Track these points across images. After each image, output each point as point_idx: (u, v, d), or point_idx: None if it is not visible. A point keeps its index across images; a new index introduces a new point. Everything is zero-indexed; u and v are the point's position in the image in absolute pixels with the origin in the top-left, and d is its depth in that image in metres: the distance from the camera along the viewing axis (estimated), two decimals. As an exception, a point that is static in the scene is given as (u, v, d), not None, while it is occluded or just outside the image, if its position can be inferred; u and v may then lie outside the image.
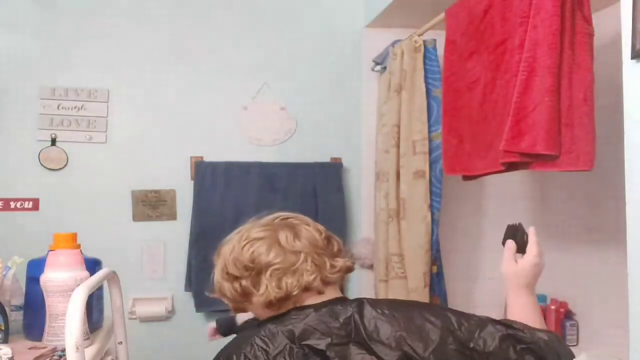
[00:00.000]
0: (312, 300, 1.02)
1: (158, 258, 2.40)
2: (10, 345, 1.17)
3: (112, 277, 1.39)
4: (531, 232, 1.15)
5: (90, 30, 2.37)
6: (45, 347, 1.18)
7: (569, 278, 2.34)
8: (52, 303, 1.22)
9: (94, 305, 1.37)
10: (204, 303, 2.35)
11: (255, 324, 1.06)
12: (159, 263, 2.40)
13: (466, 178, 1.91)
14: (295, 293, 1.00)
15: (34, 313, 1.29)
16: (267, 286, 1.00)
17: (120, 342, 1.42)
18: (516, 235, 1.16)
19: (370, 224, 2.46)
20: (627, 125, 1.13)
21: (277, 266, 1.01)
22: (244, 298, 1.05)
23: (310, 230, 1.08)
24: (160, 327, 2.39)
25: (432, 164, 2.10)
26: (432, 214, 2.10)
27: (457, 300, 2.43)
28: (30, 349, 1.18)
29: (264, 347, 0.92)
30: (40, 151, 2.30)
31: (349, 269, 1.10)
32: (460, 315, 0.96)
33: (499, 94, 1.64)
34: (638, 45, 1.09)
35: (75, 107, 2.34)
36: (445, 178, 2.09)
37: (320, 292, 1.03)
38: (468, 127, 1.82)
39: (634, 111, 1.12)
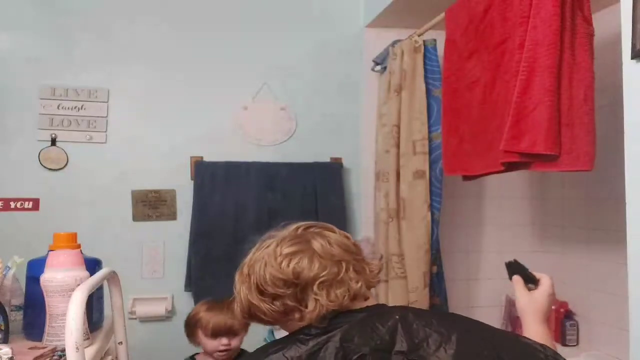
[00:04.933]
0: (358, 306, 0.99)
1: (158, 258, 2.40)
2: (10, 345, 1.17)
3: (112, 277, 1.39)
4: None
5: (90, 30, 2.37)
6: (45, 347, 1.18)
7: (569, 278, 2.34)
8: (52, 303, 1.22)
9: (94, 305, 1.37)
10: (204, 303, 2.35)
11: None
12: (159, 263, 2.40)
13: (466, 178, 1.91)
14: (346, 304, 0.96)
15: (34, 313, 1.30)
16: (317, 300, 0.95)
17: (120, 342, 1.43)
18: (517, 270, 1.21)
19: (370, 224, 2.46)
20: (627, 125, 1.13)
21: (323, 278, 0.96)
22: (285, 316, 0.99)
23: (337, 235, 1.04)
24: (160, 327, 2.39)
25: (432, 164, 2.10)
26: (432, 214, 2.10)
27: (457, 300, 2.43)
28: (30, 349, 1.17)
29: (304, 345, 0.89)
30: (40, 151, 2.30)
31: (381, 270, 1.11)
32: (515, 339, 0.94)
33: (499, 94, 1.64)
34: (638, 45, 1.09)
35: (75, 107, 2.34)
36: (445, 178, 2.09)
37: (366, 298, 1.01)
38: (468, 127, 1.82)
39: (634, 111, 1.12)
